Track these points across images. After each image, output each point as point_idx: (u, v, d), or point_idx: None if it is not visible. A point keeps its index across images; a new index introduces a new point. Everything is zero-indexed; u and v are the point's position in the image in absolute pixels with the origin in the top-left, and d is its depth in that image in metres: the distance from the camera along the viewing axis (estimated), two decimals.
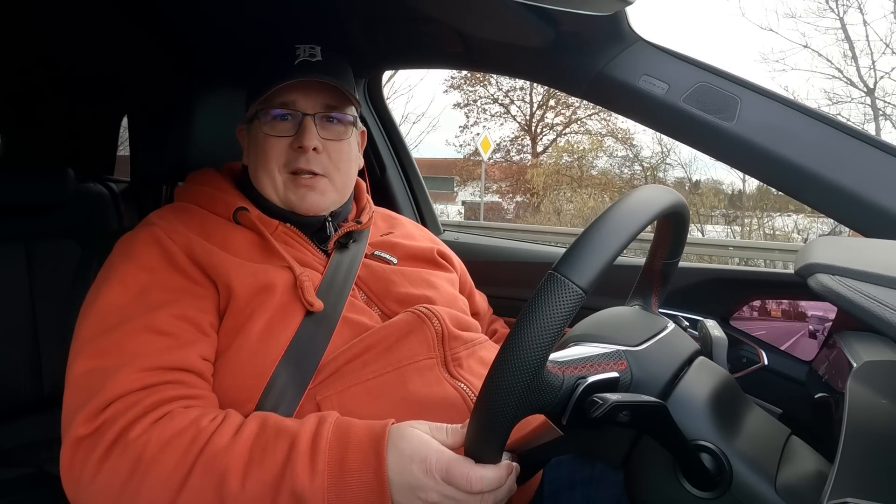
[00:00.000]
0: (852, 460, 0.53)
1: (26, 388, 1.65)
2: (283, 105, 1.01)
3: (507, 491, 0.71)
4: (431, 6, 1.16)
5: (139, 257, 0.91)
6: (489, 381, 0.61)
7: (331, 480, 0.71)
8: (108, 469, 0.75)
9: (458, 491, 0.69)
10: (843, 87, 15.00)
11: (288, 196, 1.02)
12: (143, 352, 0.82)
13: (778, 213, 13.42)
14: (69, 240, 1.72)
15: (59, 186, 1.68)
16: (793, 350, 1.24)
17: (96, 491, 0.75)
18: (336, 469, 0.72)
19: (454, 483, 0.69)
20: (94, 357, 0.82)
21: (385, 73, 1.75)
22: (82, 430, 0.76)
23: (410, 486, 0.70)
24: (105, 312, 0.86)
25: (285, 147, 1.01)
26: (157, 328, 0.84)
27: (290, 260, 0.96)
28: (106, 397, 0.78)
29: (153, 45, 1.64)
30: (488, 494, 0.69)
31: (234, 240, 0.97)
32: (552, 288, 0.58)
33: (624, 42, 1.11)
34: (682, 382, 0.70)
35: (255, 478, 0.72)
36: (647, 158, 17.24)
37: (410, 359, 0.92)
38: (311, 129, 1.00)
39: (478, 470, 0.68)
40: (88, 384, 0.80)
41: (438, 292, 1.07)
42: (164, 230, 0.94)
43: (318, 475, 0.72)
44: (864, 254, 0.67)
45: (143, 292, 0.88)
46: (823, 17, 14.56)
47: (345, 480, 0.71)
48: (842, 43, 13.85)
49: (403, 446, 0.72)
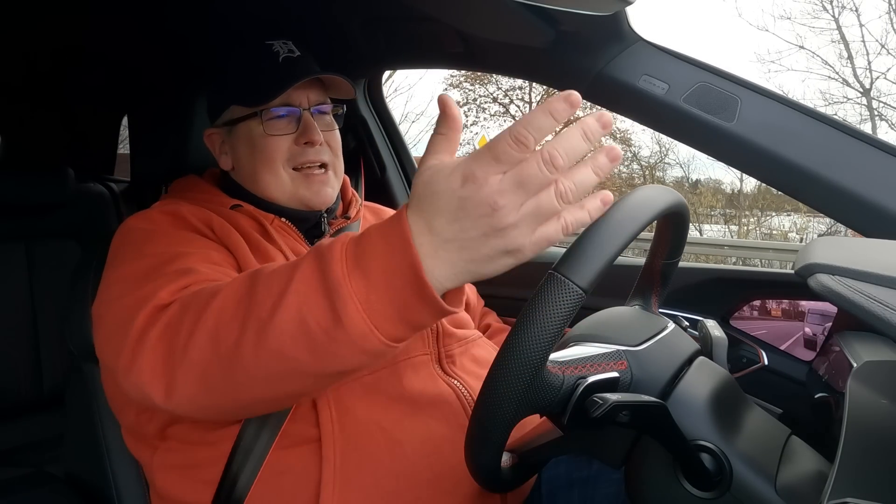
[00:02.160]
0: (852, 460, 0.53)
1: (26, 388, 1.65)
2: (284, 104, 1.00)
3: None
4: (431, 6, 1.16)
5: (168, 223, 0.91)
6: (489, 380, 0.61)
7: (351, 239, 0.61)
8: (169, 310, 0.72)
9: (516, 156, 0.52)
10: (838, 88, 15.02)
11: (299, 192, 1.02)
12: (198, 261, 0.82)
13: (775, 212, 13.44)
14: (69, 240, 1.72)
15: (59, 186, 1.68)
16: (793, 350, 1.24)
17: (158, 332, 0.71)
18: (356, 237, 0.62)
19: (504, 157, 0.52)
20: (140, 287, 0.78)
21: (385, 72, 1.75)
22: (166, 298, 0.74)
23: (454, 215, 0.54)
24: (150, 254, 0.84)
25: (288, 144, 1.01)
26: (214, 260, 0.85)
27: (286, 249, 0.96)
28: (189, 279, 0.77)
29: (153, 45, 1.64)
30: (558, 155, 0.52)
31: (240, 222, 0.96)
32: (552, 288, 0.58)
33: (624, 42, 1.11)
34: (683, 382, 0.70)
35: (286, 264, 0.66)
36: (646, 158, 17.25)
37: (405, 354, 0.92)
38: (313, 123, 1.01)
39: (514, 126, 0.51)
40: (157, 274, 0.78)
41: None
42: (185, 208, 0.94)
43: (337, 240, 0.62)
44: (864, 254, 0.67)
45: (189, 241, 0.88)
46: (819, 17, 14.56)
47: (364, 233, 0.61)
48: (837, 44, 13.87)
49: (422, 189, 0.57)
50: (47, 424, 1.65)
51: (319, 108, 1.03)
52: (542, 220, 0.55)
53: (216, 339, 0.66)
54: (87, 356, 1.01)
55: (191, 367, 0.68)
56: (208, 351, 0.67)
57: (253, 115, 1.00)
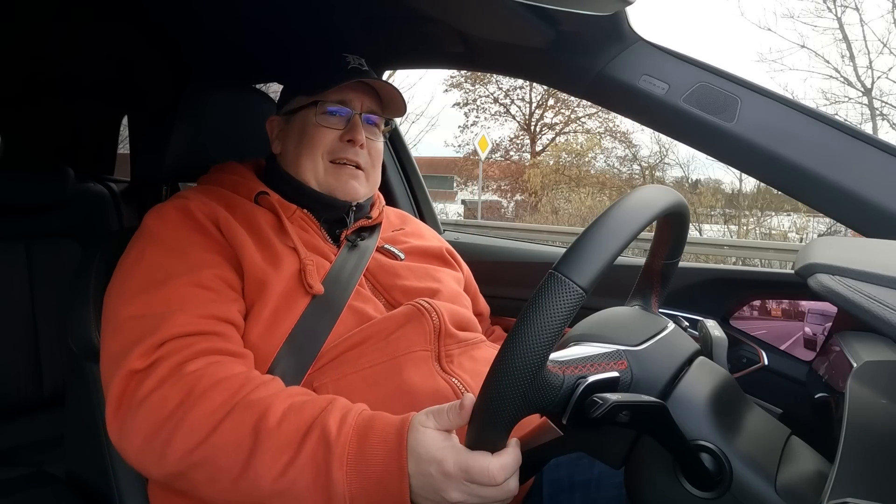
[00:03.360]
0: (852, 460, 0.53)
1: (26, 388, 1.65)
2: (340, 102, 1.09)
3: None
4: (431, 6, 1.16)
5: (175, 223, 0.97)
6: (489, 380, 0.61)
7: (356, 432, 0.75)
8: (158, 396, 0.79)
9: (482, 486, 0.69)
10: (840, 87, 15.02)
11: (329, 181, 1.09)
12: (193, 301, 0.88)
13: (775, 212, 13.43)
14: (69, 240, 1.72)
15: (59, 186, 1.68)
16: (793, 350, 1.24)
17: (140, 418, 0.79)
18: (363, 428, 0.75)
19: (477, 480, 0.68)
20: (143, 306, 0.87)
21: (385, 72, 1.75)
22: (138, 363, 0.81)
23: (433, 488, 0.71)
24: (151, 269, 0.91)
25: (334, 138, 1.09)
26: (203, 284, 0.90)
27: (297, 243, 1.01)
28: (162, 336, 0.83)
29: (153, 45, 1.64)
30: (511, 479, 0.70)
31: (255, 217, 1.02)
32: (552, 287, 0.58)
33: (624, 42, 1.11)
34: (683, 382, 0.70)
35: (292, 420, 0.76)
36: (646, 158, 17.26)
37: (406, 349, 0.94)
38: (360, 126, 1.09)
39: (495, 461, 0.68)
40: (141, 327, 0.85)
41: (443, 286, 1.10)
42: (195, 203, 1.00)
43: (345, 426, 0.75)
44: (864, 254, 0.67)
45: (184, 252, 0.93)
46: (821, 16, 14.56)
47: (369, 439, 0.74)
48: (839, 43, 13.87)
49: (420, 450, 0.72)
50: (47, 424, 1.65)
51: (370, 116, 1.12)
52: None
53: (210, 468, 0.76)
54: (87, 355, 1.01)
55: (170, 463, 0.78)
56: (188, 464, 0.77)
57: (311, 105, 1.09)
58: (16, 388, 1.63)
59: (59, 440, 0.80)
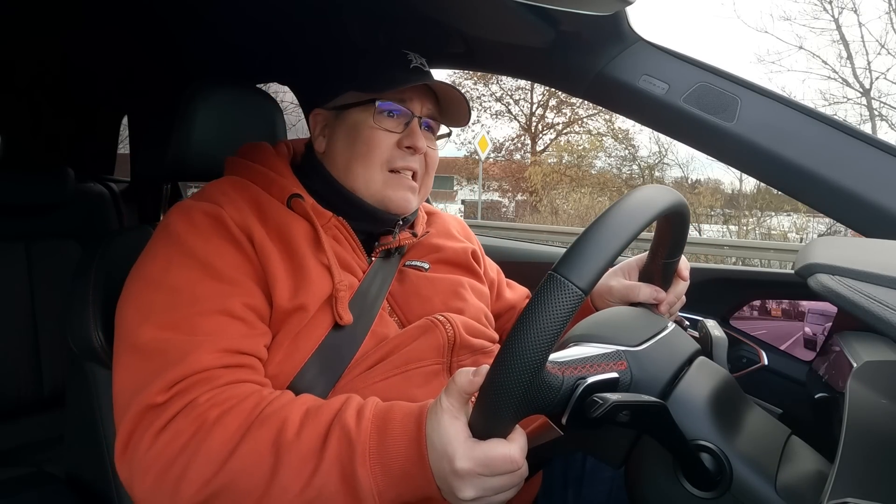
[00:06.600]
0: (852, 460, 0.53)
1: (26, 388, 1.65)
2: (400, 101, 1.00)
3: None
4: (432, 6, 1.16)
5: (207, 232, 0.89)
6: (489, 381, 0.61)
7: (374, 423, 0.73)
8: (170, 431, 0.75)
9: (503, 476, 0.67)
10: (838, 88, 15.02)
11: (385, 192, 1.00)
12: (220, 332, 0.82)
13: (775, 212, 13.44)
14: (69, 240, 1.72)
15: (59, 186, 1.69)
16: (793, 350, 1.24)
17: (152, 455, 0.75)
18: (380, 421, 0.73)
19: (500, 470, 0.66)
20: (166, 328, 0.81)
21: None
22: (158, 398, 0.76)
23: (448, 488, 0.69)
24: (177, 286, 0.84)
25: (391, 144, 0.99)
26: (234, 313, 0.84)
27: (332, 261, 0.93)
28: (186, 370, 0.78)
29: (153, 45, 1.64)
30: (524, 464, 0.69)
31: (288, 229, 0.93)
32: (552, 288, 0.58)
33: (624, 42, 1.11)
34: (683, 382, 0.70)
35: (310, 426, 0.74)
36: (645, 158, 17.26)
37: (418, 362, 0.92)
38: (420, 131, 1.01)
39: (511, 446, 0.66)
40: (163, 355, 0.79)
41: (467, 306, 1.05)
42: (228, 210, 0.91)
43: (363, 419, 0.73)
44: (864, 254, 0.67)
45: (215, 271, 0.86)
46: (818, 18, 14.57)
47: (388, 430, 0.72)
48: (837, 44, 13.87)
49: (435, 438, 0.69)
50: (47, 424, 1.65)
51: (429, 121, 1.04)
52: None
53: (231, 494, 0.73)
54: (87, 355, 1.01)
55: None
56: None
57: (367, 103, 0.99)
58: (16, 388, 1.63)
59: (59, 440, 0.80)
